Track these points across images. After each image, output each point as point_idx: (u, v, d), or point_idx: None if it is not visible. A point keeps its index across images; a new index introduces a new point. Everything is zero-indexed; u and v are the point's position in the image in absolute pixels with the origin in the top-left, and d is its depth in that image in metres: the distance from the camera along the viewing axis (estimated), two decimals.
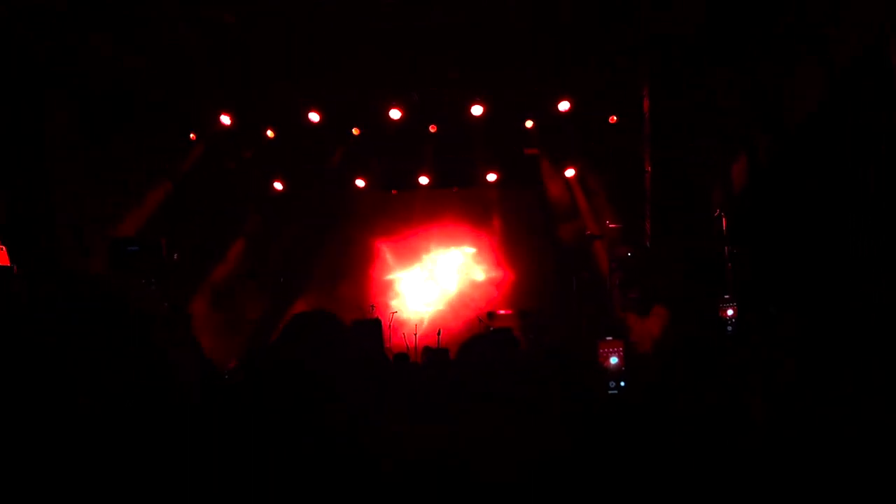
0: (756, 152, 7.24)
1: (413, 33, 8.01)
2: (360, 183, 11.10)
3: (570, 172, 10.71)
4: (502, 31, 8.02)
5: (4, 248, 5.76)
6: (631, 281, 9.02)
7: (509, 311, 10.65)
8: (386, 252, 11.34)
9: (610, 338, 3.73)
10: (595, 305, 9.38)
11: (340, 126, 10.13)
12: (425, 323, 10.70)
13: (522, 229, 10.91)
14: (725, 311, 6.85)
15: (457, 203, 11.22)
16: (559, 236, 10.55)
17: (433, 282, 11.38)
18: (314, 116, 9.73)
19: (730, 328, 6.66)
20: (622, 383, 4.11)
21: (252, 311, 10.31)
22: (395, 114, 9.70)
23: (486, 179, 10.97)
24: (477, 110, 9.63)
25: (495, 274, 11.11)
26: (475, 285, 11.23)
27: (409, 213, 11.19)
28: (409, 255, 11.37)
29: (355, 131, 10.26)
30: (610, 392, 4.09)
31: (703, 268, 8.37)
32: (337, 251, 11.12)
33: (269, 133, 10.15)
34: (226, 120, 9.62)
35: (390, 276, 11.36)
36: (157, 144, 9.05)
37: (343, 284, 10.77)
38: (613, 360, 3.72)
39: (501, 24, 7.91)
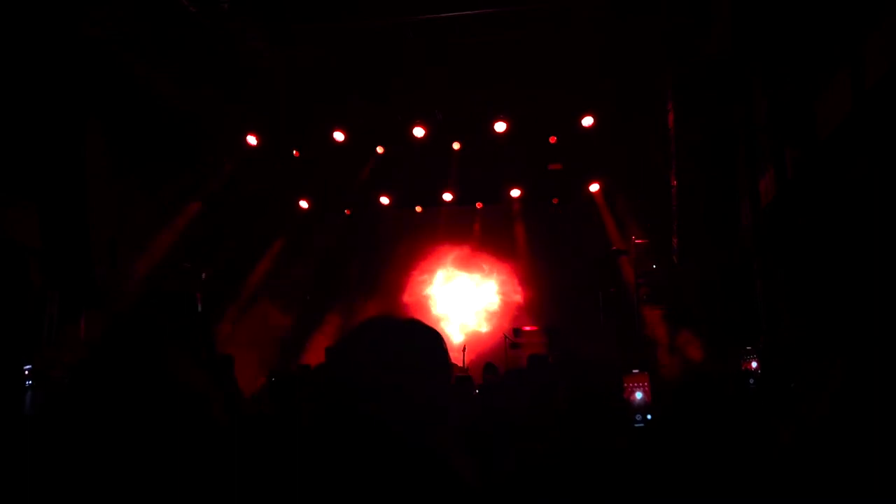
0: (784, 166, 7.17)
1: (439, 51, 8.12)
2: (384, 200, 11.18)
3: (594, 187, 10.69)
4: (526, 47, 8.09)
5: None
6: (658, 297, 8.95)
7: (535, 328, 10.60)
8: (411, 269, 11.37)
9: (636, 371, 3.69)
10: (622, 321, 9.31)
11: (365, 145, 10.23)
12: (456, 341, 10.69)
13: (547, 245, 10.88)
14: (749, 363, 6.28)
15: (481, 219, 11.25)
16: (584, 251, 10.50)
17: (459, 299, 11.39)
18: (339, 136, 9.84)
19: (752, 381, 6.04)
20: (649, 416, 4.05)
21: (277, 329, 10.39)
22: (418, 132, 9.77)
23: (509, 195, 11.00)
24: (500, 127, 9.66)
25: (521, 290, 11.08)
26: (501, 301, 11.21)
27: (433, 230, 11.24)
28: (434, 271, 11.40)
29: (380, 150, 10.36)
30: (636, 426, 4.03)
31: (730, 284, 8.27)
32: (362, 269, 11.19)
33: (295, 153, 10.29)
34: (252, 140, 9.76)
35: (416, 293, 11.39)
36: (188, 165, 9.21)
37: (369, 302, 10.82)
38: (639, 394, 3.69)
39: (525, 41, 7.97)
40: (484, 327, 11.07)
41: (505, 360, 9.66)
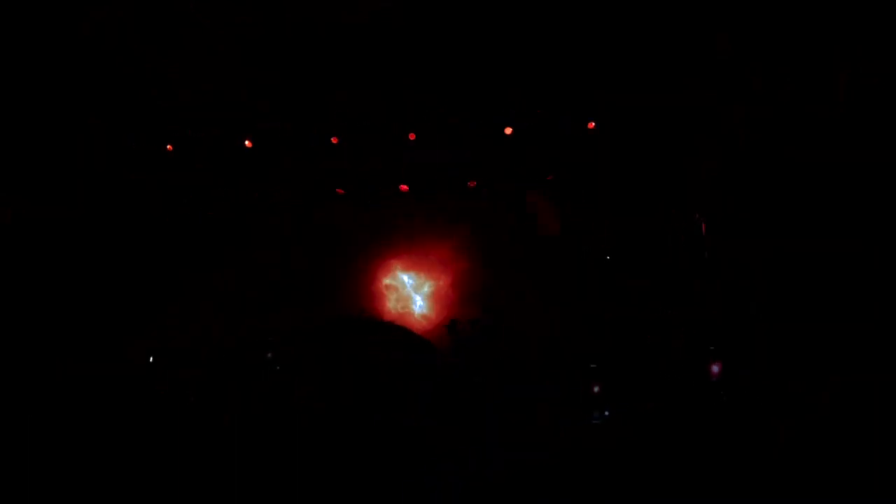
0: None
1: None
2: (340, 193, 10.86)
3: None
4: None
5: None
6: None
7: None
8: (370, 264, 11.17)
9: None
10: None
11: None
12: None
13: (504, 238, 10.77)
14: (710, 366, 5.73)
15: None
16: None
17: (414, 291, 11.28)
18: None
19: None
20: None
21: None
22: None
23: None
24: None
25: (468, 282, 10.90)
26: (449, 294, 11.04)
27: (392, 224, 10.96)
28: (395, 266, 11.25)
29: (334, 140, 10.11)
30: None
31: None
32: (319, 264, 10.84)
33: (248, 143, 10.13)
34: None
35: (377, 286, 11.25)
36: None
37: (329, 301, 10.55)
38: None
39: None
40: (436, 320, 10.97)
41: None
